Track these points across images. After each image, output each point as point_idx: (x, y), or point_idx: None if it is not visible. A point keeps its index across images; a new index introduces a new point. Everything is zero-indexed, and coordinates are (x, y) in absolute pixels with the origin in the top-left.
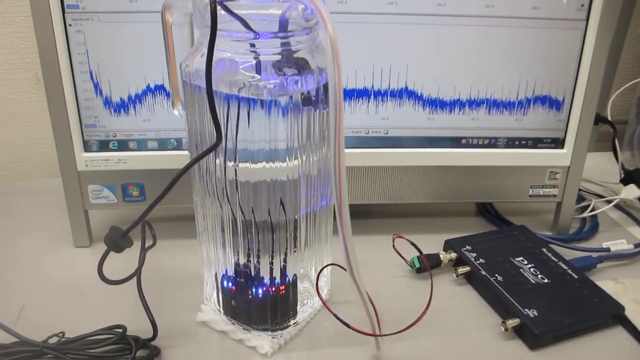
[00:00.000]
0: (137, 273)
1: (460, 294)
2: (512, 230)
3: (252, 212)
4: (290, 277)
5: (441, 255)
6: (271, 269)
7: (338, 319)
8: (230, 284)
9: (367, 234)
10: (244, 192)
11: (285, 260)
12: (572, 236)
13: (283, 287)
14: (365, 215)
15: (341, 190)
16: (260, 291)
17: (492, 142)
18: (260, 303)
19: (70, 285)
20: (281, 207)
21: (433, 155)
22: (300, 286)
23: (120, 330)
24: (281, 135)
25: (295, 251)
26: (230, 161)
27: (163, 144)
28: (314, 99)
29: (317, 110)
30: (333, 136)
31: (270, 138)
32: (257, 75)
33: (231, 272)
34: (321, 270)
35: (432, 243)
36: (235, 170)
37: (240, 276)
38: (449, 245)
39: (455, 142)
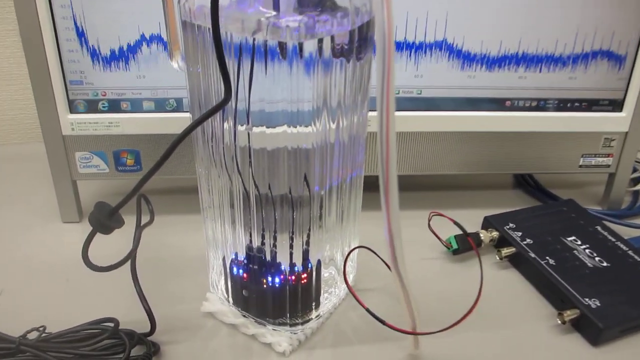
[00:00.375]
0: (131, 256)
1: (505, 280)
2: (560, 206)
3: (269, 186)
4: (313, 262)
5: (481, 235)
6: (291, 254)
7: (372, 314)
8: (240, 271)
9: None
10: (259, 162)
11: (307, 243)
12: (624, 212)
13: (305, 275)
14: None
15: (389, 165)
16: (277, 280)
17: (540, 105)
18: (277, 294)
19: (55, 268)
20: (304, 180)
21: (472, 119)
22: (324, 272)
23: (112, 325)
24: (307, 93)
25: (319, 232)
26: (241, 125)
27: (161, 105)
28: (346, 47)
29: (351, 61)
30: (381, 92)
31: (293, 96)
32: (276, 12)
33: (242, 257)
34: (349, 254)
35: (467, 220)
36: (249, 135)
37: (253, 262)
38: (488, 223)
39: (499, 104)
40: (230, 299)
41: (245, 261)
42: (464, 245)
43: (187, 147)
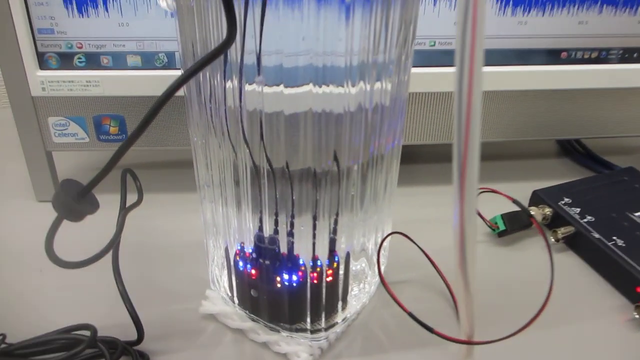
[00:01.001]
0: (112, 246)
1: (564, 266)
2: (620, 175)
3: (286, 159)
4: (341, 255)
5: (532, 213)
6: (313, 244)
7: (417, 320)
8: (248, 266)
9: (419, 182)
10: (273, 130)
11: (335, 231)
12: None
13: (331, 271)
14: (415, 159)
15: (469, 138)
16: (294, 278)
17: (602, 56)
18: (294, 295)
19: (26, 256)
20: (333, 153)
21: (523, 75)
22: (353, 265)
23: (89, 333)
24: (339, 43)
25: (350, 215)
26: (250, 83)
27: (149, 60)
28: None
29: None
30: (462, 36)
31: (320, 47)
32: None
33: (250, 249)
34: (383, 242)
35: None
36: (261, 95)
37: (265, 255)
38: (538, 198)
39: (553, 56)
40: (236, 299)
41: (254, 254)
42: (513, 226)
43: (180, 110)
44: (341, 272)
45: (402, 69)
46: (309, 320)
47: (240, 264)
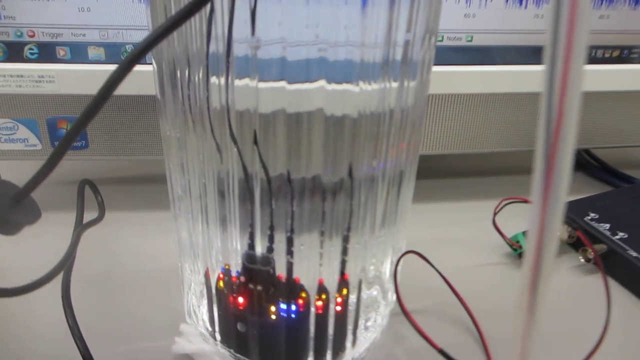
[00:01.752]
0: (63, 268)
1: (596, 289)
2: None
3: (287, 167)
4: (354, 281)
5: None
6: (320, 266)
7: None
8: (234, 293)
9: (427, 198)
10: (271, 133)
11: (345, 252)
12: None
13: (340, 299)
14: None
15: (557, 149)
16: (293, 308)
17: (624, 55)
18: (293, 330)
19: None
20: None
21: (534, 76)
22: (364, 293)
23: None
24: (356, 31)
25: (364, 234)
26: (240, 77)
27: (114, 53)
28: None
29: None
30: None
31: (332, 36)
32: None
33: (236, 272)
34: (398, 262)
35: (518, 211)
36: (255, 92)
37: (256, 279)
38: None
39: None
40: (218, 335)
41: (242, 278)
42: None
43: (151, 112)
44: (352, 300)
45: (426, 64)
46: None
47: (224, 290)
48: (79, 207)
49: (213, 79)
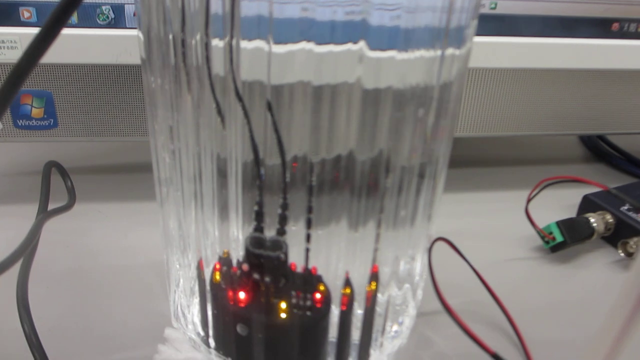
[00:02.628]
0: (15, 261)
1: None
2: None
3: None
4: (384, 277)
5: (592, 220)
6: (343, 257)
7: None
8: (233, 286)
9: (451, 187)
10: (290, 107)
11: (378, 239)
12: None
13: (370, 293)
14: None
15: None
16: (309, 303)
17: None
18: (309, 332)
19: None
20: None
21: (568, 49)
22: (394, 292)
23: None
24: None
25: (396, 224)
26: (249, 39)
27: (88, 15)
28: None
29: None
30: None
31: None
32: None
33: (237, 259)
34: (431, 248)
35: (552, 202)
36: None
37: (262, 268)
38: (591, 204)
39: (602, 27)
40: (212, 340)
41: (244, 267)
42: (573, 237)
43: (136, 82)
44: (382, 298)
45: (471, 33)
46: None
47: (222, 284)
48: (44, 191)
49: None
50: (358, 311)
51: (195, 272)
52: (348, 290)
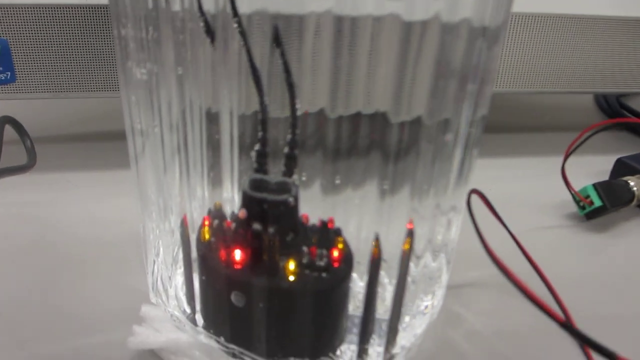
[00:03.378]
0: None
1: None
2: None
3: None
4: (422, 243)
5: (631, 184)
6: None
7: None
8: (226, 243)
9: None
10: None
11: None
12: None
13: (405, 254)
14: None
15: None
16: (323, 264)
17: None
18: (325, 300)
19: None
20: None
21: None
22: (428, 261)
23: None
24: None
25: (430, 187)
26: None
27: None
28: None
29: None
30: None
31: None
32: None
33: (230, 213)
34: (470, 196)
35: (579, 169)
36: None
37: (264, 217)
38: (627, 168)
39: None
40: (199, 317)
41: (240, 217)
42: (613, 202)
43: (102, 31)
44: (414, 270)
45: None
46: (356, 349)
47: (212, 243)
48: None
49: None
50: (384, 280)
51: (178, 234)
52: (374, 245)
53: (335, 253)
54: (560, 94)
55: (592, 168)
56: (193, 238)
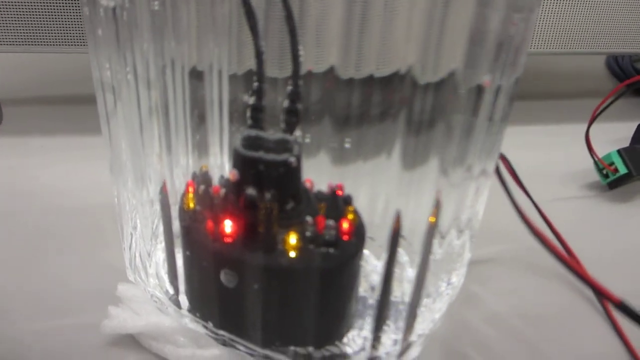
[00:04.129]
0: None
1: None
2: None
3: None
4: (447, 220)
5: None
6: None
7: None
8: (214, 212)
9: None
10: None
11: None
12: None
13: (431, 227)
14: None
15: None
16: (331, 237)
17: None
18: (330, 282)
19: None
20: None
21: None
22: (453, 239)
23: None
24: None
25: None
26: None
27: None
28: None
29: None
30: None
31: None
32: None
33: (220, 175)
34: (498, 169)
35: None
36: None
37: (261, 185)
38: None
39: None
40: (184, 299)
41: (231, 176)
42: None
43: None
44: (438, 251)
45: None
46: (369, 337)
47: (197, 211)
48: None
49: None
50: (403, 258)
51: (158, 204)
52: (396, 224)
53: (345, 225)
54: (570, 54)
55: (611, 135)
56: (175, 209)
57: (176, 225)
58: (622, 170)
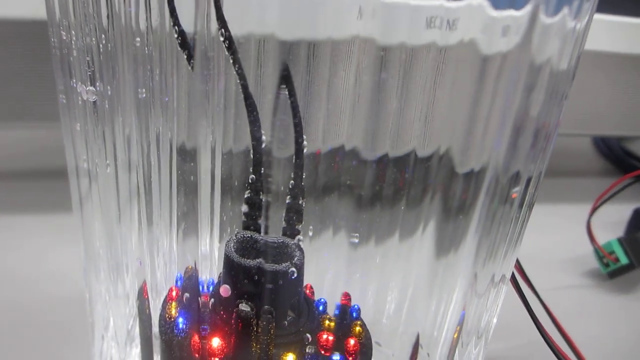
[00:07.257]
0: None
1: None
2: None
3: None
4: (469, 329)
5: None
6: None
7: None
8: (201, 325)
9: None
10: None
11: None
12: None
13: (454, 342)
14: None
15: None
16: (333, 356)
17: None
18: None
19: None
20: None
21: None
22: (471, 350)
23: None
24: None
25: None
26: None
27: None
28: None
29: None
30: None
31: None
32: None
33: (210, 279)
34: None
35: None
36: None
37: (255, 293)
38: None
39: None
40: None
41: (221, 291)
42: None
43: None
44: (460, 356)
45: None
46: None
47: (180, 322)
48: None
49: None
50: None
51: (135, 303)
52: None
53: (352, 342)
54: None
55: (606, 218)
56: (156, 315)
57: (155, 328)
58: (624, 260)
